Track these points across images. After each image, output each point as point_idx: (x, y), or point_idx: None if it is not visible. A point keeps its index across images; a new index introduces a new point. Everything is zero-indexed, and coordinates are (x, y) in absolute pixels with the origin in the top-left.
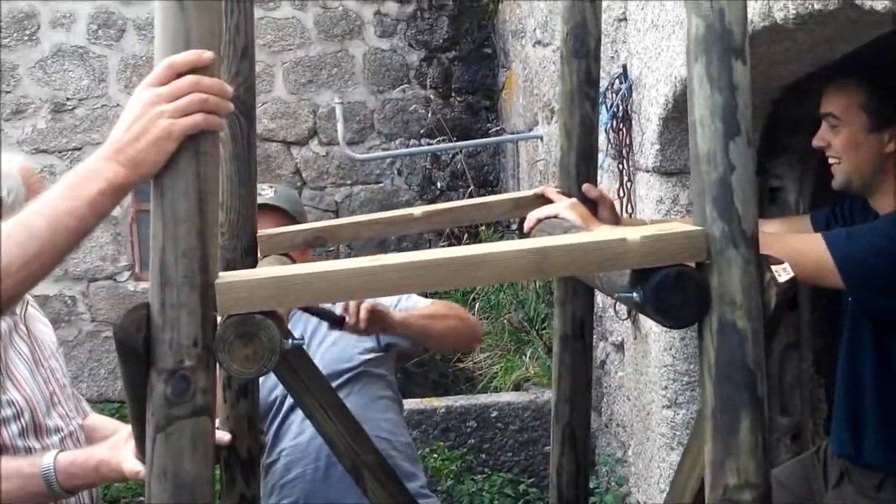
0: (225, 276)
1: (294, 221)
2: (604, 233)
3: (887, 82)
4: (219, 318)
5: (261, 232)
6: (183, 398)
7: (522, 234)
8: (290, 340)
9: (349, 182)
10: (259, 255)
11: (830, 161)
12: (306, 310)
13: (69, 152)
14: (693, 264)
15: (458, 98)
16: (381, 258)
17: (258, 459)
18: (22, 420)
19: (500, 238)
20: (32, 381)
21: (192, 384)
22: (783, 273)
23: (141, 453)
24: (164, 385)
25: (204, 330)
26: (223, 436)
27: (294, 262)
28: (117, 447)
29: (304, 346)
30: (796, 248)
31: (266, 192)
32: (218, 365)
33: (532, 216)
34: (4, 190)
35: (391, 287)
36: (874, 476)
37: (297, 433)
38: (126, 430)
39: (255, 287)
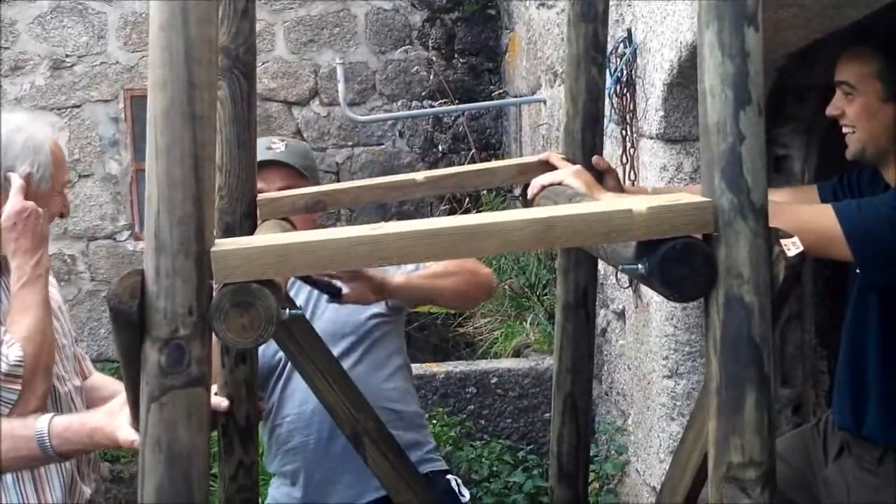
0: (221, 244)
1: (304, 180)
2: (609, 203)
3: None
4: (215, 287)
5: (261, 196)
6: (177, 368)
7: (525, 200)
8: (287, 310)
9: (350, 143)
10: (258, 219)
11: (844, 130)
12: (304, 280)
13: (68, 109)
14: (700, 236)
15: (460, 60)
16: (383, 226)
17: (257, 426)
18: None
19: (503, 203)
20: None
21: (186, 353)
22: (792, 247)
23: (136, 421)
24: (159, 354)
25: (199, 298)
26: (221, 402)
27: (294, 227)
28: (113, 414)
29: (310, 311)
30: (805, 218)
31: (276, 146)
32: (213, 334)
33: (536, 183)
34: (35, 165)
35: (393, 256)
36: (875, 449)
37: (302, 402)
38: (122, 396)
39: (252, 255)
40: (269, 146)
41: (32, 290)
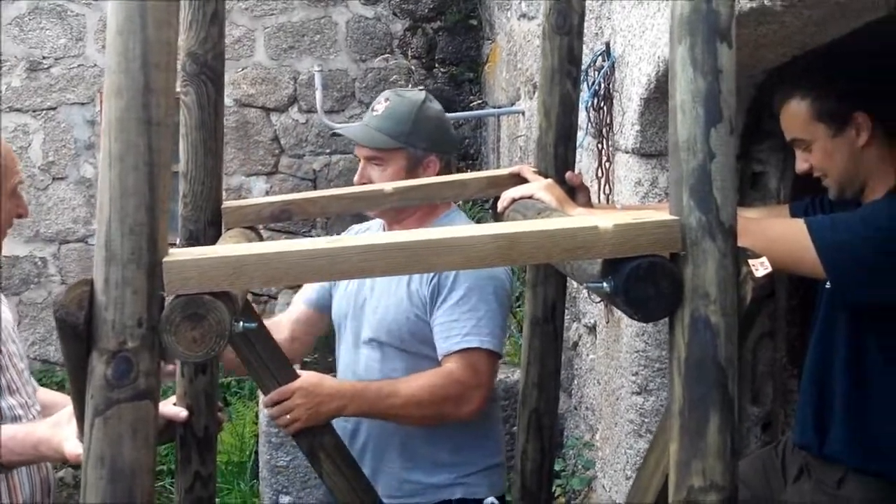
0: (174, 254)
1: (396, 150)
2: (576, 219)
3: (828, 84)
4: (167, 298)
5: (225, 203)
6: (124, 381)
7: (495, 213)
8: (241, 323)
9: (328, 151)
10: (224, 227)
11: (820, 178)
12: None
13: (43, 112)
14: (667, 255)
15: (441, 69)
16: (341, 240)
17: (215, 437)
18: None
19: (478, 214)
20: None
21: (134, 366)
22: (760, 268)
23: (83, 434)
24: (105, 366)
25: (149, 310)
26: (179, 412)
27: (260, 236)
28: (59, 426)
29: (361, 305)
30: (777, 232)
31: (377, 108)
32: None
33: (506, 196)
34: None
35: (352, 270)
36: (835, 471)
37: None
38: (69, 408)
39: (205, 267)
40: (373, 107)
41: None
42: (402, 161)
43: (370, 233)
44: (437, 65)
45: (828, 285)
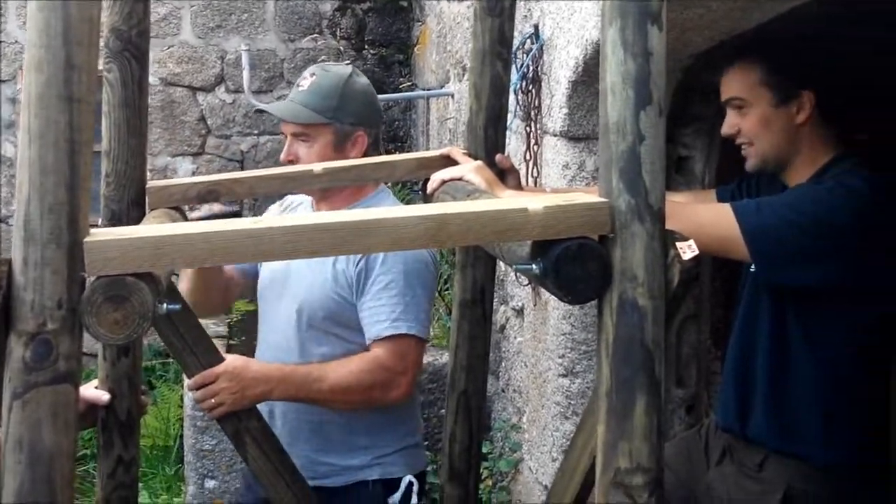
0: (96, 234)
1: (325, 126)
2: (505, 201)
3: (784, 56)
4: (88, 279)
5: (150, 183)
6: (43, 364)
7: (425, 195)
8: (165, 305)
9: (256, 132)
10: (148, 207)
11: (741, 145)
12: None
13: None
14: (596, 237)
15: (371, 50)
16: (267, 220)
17: (138, 421)
18: None
19: (407, 196)
20: None
21: (54, 349)
22: (688, 250)
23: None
24: (24, 349)
25: (70, 291)
26: (101, 395)
27: (185, 217)
28: None
29: (284, 284)
30: (704, 217)
31: (302, 84)
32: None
33: (436, 178)
34: None
35: (277, 251)
36: (757, 454)
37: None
38: None
39: (127, 247)
40: (298, 83)
41: None
42: (330, 136)
43: (302, 207)
44: (366, 46)
45: (752, 268)
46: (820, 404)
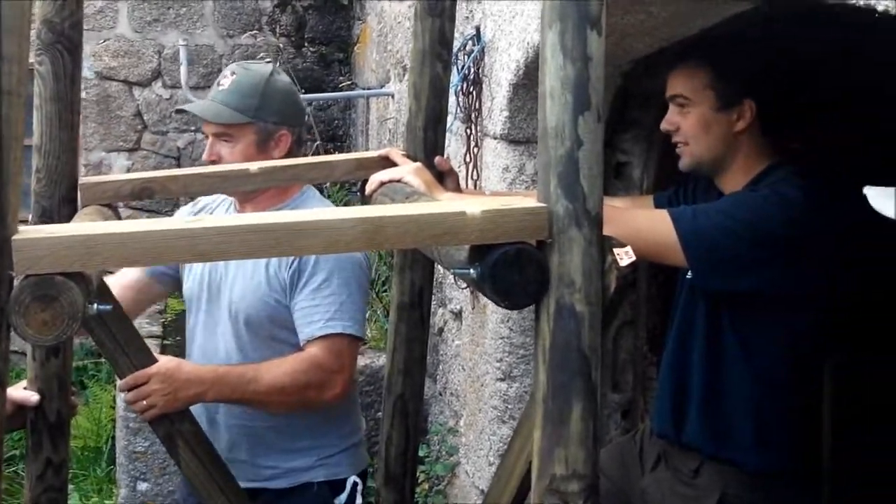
0: (25, 232)
1: (247, 125)
2: (444, 205)
3: (732, 62)
4: (16, 278)
5: (82, 180)
6: None
7: (363, 196)
8: (96, 305)
9: (193, 128)
10: (80, 204)
11: (677, 144)
12: None
13: None
14: (534, 243)
15: (310, 48)
16: (202, 220)
17: (68, 422)
18: None
19: (345, 197)
20: None
21: None
22: (625, 256)
23: None
24: None
25: None
26: (30, 396)
27: (118, 215)
28: None
29: (216, 287)
30: (641, 223)
31: (223, 83)
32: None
33: (374, 179)
34: None
35: (211, 252)
36: (692, 460)
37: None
38: None
39: (57, 245)
40: (219, 82)
41: None
42: (252, 136)
43: (221, 208)
44: (306, 43)
45: (689, 275)
46: (754, 411)
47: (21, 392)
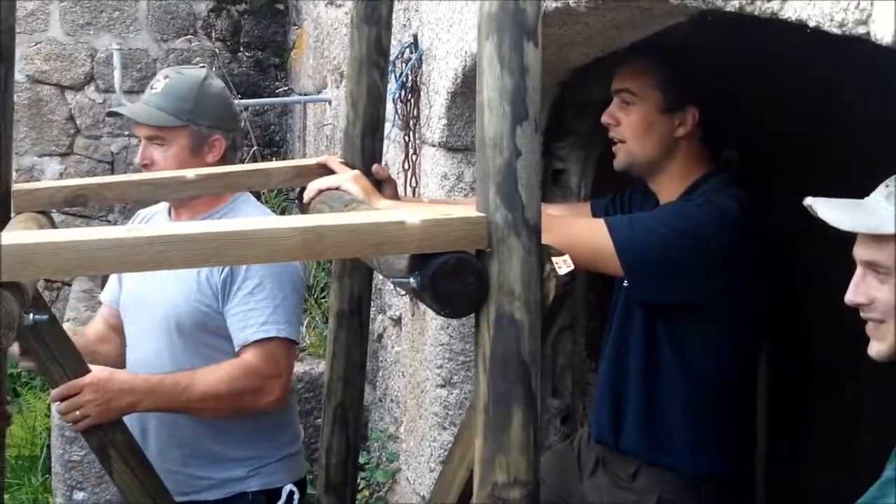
0: None
1: (180, 128)
2: (383, 214)
3: (684, 67)
4: None
5: (15, 186)
6: None
7: (301, 204)
8: (31, 315)
9: (126, 133)
10: (13, 211)
11: (613, 140)
12: None
13: None
14: (474, 252)
15: (246, 53)
16: (140, 229)
17: (4, 432)
18: None
19: (283, 203)
20: None
21: None
22: (563, 265)
23: None
24: None
25: None
26: None
27: (53, 222)
28: None
29: (147, 294)
30: (578, 231)
31: (156, 86)
32: None
33: (312, 187)
34: None
35: (150, 262)
36: (630, 465)
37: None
38: None
39: None
40: (152, 85)
41: None
42: (186, 140)
43: (157, 217)
44: (242, 48)
45: (625, 283)
46: (689, 416)
47: None
